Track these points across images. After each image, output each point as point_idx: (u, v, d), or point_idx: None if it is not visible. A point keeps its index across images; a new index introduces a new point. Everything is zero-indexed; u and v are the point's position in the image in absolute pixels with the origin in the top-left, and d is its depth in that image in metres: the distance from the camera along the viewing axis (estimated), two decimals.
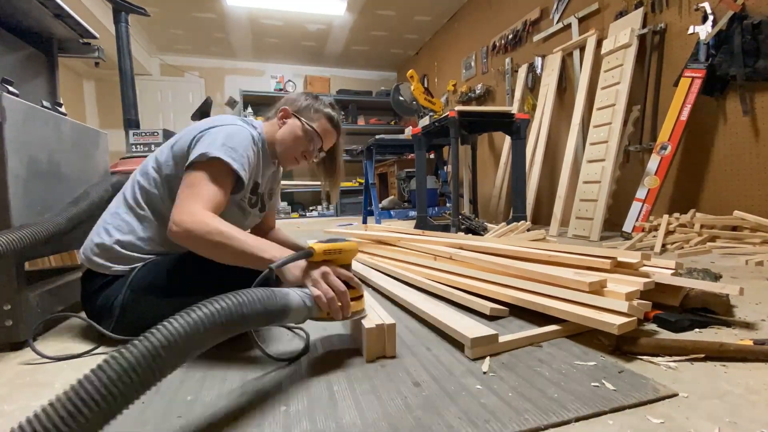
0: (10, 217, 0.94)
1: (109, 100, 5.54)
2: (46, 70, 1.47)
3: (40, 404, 0.68)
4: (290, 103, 1.14)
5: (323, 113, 1.14)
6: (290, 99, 1.16)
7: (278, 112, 1.13)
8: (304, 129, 1.11)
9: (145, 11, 2.15)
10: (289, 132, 1.11)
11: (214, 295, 0.82)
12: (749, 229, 1.94)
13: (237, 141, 0.94)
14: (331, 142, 1.18)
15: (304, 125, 1.11)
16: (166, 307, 0.90)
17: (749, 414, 0.57)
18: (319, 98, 1.17)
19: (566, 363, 0.74)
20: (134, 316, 0.92)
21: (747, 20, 1.99)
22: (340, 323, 0.98)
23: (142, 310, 0.92)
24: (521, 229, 2.38)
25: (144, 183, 0.99)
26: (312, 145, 1.13)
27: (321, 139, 1.13)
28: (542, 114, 3.35)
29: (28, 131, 1.02)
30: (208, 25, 5.04)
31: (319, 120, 1.13)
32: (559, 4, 3.30)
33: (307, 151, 1.13)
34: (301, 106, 1.13)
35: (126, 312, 0.92)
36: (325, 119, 1.14)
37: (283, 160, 1.15)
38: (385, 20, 5.06)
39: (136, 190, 1.00)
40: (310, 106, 1.13)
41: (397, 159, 5.10)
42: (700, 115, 2.27)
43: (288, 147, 1.11)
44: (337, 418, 0.59)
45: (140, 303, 0.91)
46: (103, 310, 0.94)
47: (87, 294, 0.99)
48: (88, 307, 0.98)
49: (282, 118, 1.12)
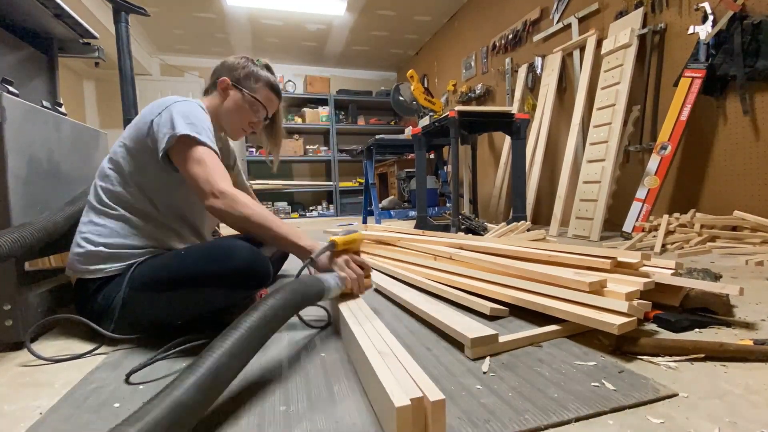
0: (10, 217, 0.94)
1: (109, 100, 5.54)
2: (46, 70, 1.47)
3: (40, 404, 0.68)
4: (228, 72, 1.13)
5: (263, 80, 1.14)
6: (227, 67, 1.15)
7: (217, 83, 1.13)
8: (248, 100, 1.12)
9: (145, 11, 2.15)
10: (233, 104, 1.12)
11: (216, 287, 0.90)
12: (749, 229, 1.94)
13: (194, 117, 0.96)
14: (274, 108, 1.19)
15: (247, 96, 1.12)
16: (167, 302, 0.91)
17: (749, 414, 0.57)
18: (256, 62, 1.17)
19: (566, 363, 0.74)
20: (135, 312, 0.92)
21: (747, 20, 1.99)
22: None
23: (143, 305, 0.92)
24: (521, 229, 2.38)
25: (106, 185, 0.99)
26: (257, 115, 1.15)
27: (265, 108, 1.15)
28: (542, 114, 3.35)
29: (28, 131, 1.02)
30: (208, 25, 5.04)
31: (261, 89, 1.14)
32: (559, 4, 3.30)
33: (252, 121, 1.15)
34: (240, 76, 1.12)
35: (126, 309, 0.91)
36: (266, 88, 1.15)
37: (231, 132, 1.17)
38: (385, 20, 5.05)
39: (100, 193, 0.99)
40: (249, 74, 1.13)
41: (397, 159, 5.10)
42: (700, 115, 2.27)
43: (234, 120, 1.13)
44: (337, 418, 0.59)
45: (141, 299, 0.91)
46: (102, 311, 0.94)
47: (83, 299, 0.97)
48: (86, 311, 0.96)
49: (223, 89, 1.12)
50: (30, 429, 0.60)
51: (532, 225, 2.74)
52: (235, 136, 1.19)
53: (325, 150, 6.35)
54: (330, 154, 6.29)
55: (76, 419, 0.62)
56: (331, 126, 6.23)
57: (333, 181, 6.25)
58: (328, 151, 6.33)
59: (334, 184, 6.24)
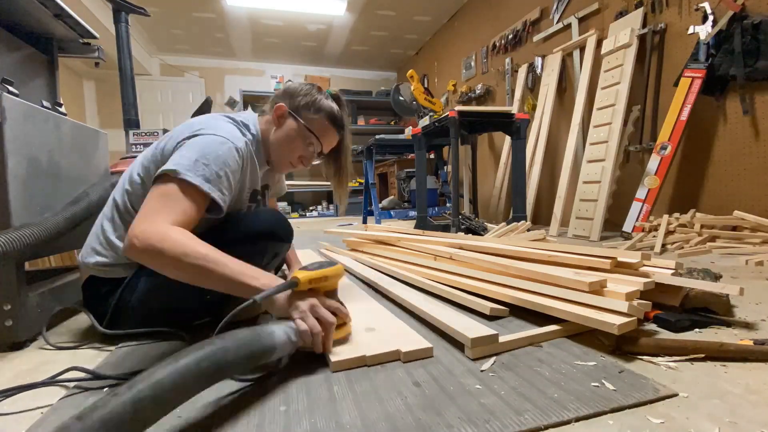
0: (11, 217, 0.94)
1: (109, 100, 5.54)
2: (46, 70, 1.47)
3: (40, 404, 0.68)
4: (288, 98, 1.03)
5: (325, 111, 1.02)
6: (289, 92, 1.04)
7: (274, 108, 1.01)
8: (301, 132, 1.00)
9: (145, 11, 2.15)
10: (283, 134, 1.01)
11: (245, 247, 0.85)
12: (749, 229, 1.94)
13: (213, 157, 0.83)
14: (332, 143, 1.07)
15: (301, 127, 1.00)
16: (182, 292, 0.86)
17: (749, 414, 0.57)
18: (322, 90, 1.05)
19: (566, 363, 0.74)
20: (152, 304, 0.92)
21: (747, 20, 1.99)
22: None
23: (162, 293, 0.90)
24: (521, 229, 2.38)
25: (132, 189, 0.93)
26: (310, 148, 1.03)
27: (320, 141, 1.03)
28: (542, 114, 3.35)
29: (28, 131, 1.02)
30: (208, 25, 5.04)
31: (319, 120, 1.02)
32: (559, 4, 3.30)
33: (303, 155, 1.03)
34: (299, 103, 1.01)
35: (143, 303, 0.92)
36: (325, 119, 1.02)
37: (277, 164, 1.06)
38: (385, 20, 5.05)
39: (125, 197, 0.94)
40: (309, 103, 1.01)
41: (397, 159, 5.10)
42: (700, 115, 2.27)
43: (283, 152, 1.02)
44: (337, 418, 0.59)
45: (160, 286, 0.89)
46: (117, 310, 0.93)
47: (95, 298, 0.96)
48: (98, 310, 0.96)
49: (278, 116, 1.01)
50: (30, 429, 0.60)
51: (532, 225, 2.74)
52: (282, 168, 1.07)
53: None
54: None
55: None
56: None
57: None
58: None
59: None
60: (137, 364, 0.81)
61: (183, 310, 0.97)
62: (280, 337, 0.68)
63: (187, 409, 0.63)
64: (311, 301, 0.74)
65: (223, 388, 0.70)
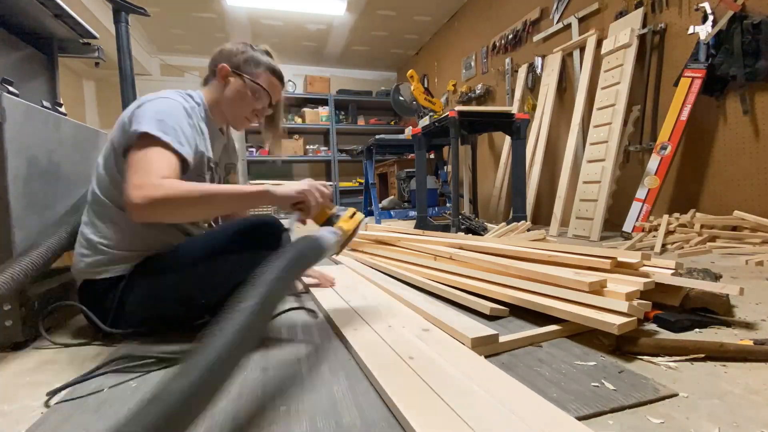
0: (11, 217, 0.94)
1: (109, 100, 5.54)
2: (46, 70, 1.47)
3: (40, 404, 0.68)
4: (227, 59, 1.06)
5: (265, 65, 1.07)
6: (225, 54, 1.07)
7: (216, 70, 1.05)
8: (249, 86, 1.05)
9: (145, 11, 2.15)
10: (234, 92, 1.05)
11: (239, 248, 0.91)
12: (749, 229, 1.94)
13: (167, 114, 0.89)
14: (278, 94, 1.12)
15: (248, 82, 1.05)
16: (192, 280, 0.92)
17: (749, 414, 0.57)
18: (255, 47, 1.10)
19: (566, 363, 0.74)
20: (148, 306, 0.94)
21: (747, 20, 1.99)
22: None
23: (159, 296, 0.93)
24: (521, 229, 2.38)
25: (101, 186, 0.96)
26: (260, 101, 1.08)
27: (269, 94, 1.08)
28: (542, 114, 3.35)
29: (28, 131, 1.02)
30: (208, 25, 5.04)
31: (262, 74, 1.07)
32: (559, 4, 3.30)
33: (256, 108, 1.08)
34: (239, 61, 1.05)
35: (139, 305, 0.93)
36: (268, 72, 1.08)
37: (235, 123, 1.11)
38: (385, 20, 5.05)
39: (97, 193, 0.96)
40: (249, 59, 1.06)
41: (397, 159, 5.09)
42: (700, 115, 2.27)
43: (236, 109, 1.07)
44: (337, 418, 0.59)
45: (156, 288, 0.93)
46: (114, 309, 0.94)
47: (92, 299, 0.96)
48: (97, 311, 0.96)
49: (223, 77, 1.05)
50: (30, 429, 0.60)
51: (532, 225, 2.74)
52: (239, 126, 1.12)
53: (325, 150, 6.35)
54: (330, 154, 6.28)
55: (76, 419, 0.62)
56: (331, 126, 6.23)
57: (333, 181, 6.24)
58: (328, 151, 6.32)
59: (334, 184, 6.23)
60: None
61: (179, 311, 0.98)
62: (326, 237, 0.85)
63: None
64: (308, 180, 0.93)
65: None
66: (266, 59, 1.09)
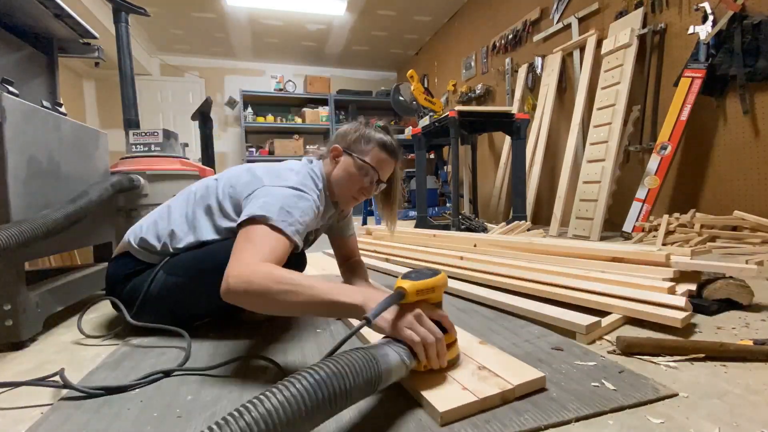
0: (11, 217, 0.94)
1: (109, 100, 5.54)
2: (46, 70, 1.47)
3: (40, 404, 0.68)
4: (341, 139, 1.07)
5: (375, 141, 1.05)
6: (341, 134, 1.09)
7: (330, 151, 1.07)
8: (357, 165, 1.03)
9: (145, 11, 2.15)
10: (342, 171, 1.04)
11: None
12: (749, 229, 1.94)
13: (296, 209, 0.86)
14: (389, 171, 1.09)
15: (357, 161, 1.03)
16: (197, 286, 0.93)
17: (749, 414, 0.57)
18: (369, 123, 1.09)
19: (566, 363, 0.74)
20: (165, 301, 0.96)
21: (747, 20, 1.99)
22: None
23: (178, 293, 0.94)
24: (521, 228, 2.38)
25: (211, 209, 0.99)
26: (368, 179, 1.05)
27: (377, 171, 1.05)
28: (542, 114, 3.35)
29: (28, 131, 1.02)
30: (208, 25, 5.04)
31: (371, 150, 1.04)
32: (559, 4, 3.30)
33: (363, 187, 1.06)
34: (351, 140, 1.05)
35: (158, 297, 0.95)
36: (377, 148, 1.05)
37: (342, 201, 1.09)
38: (385, 20, 5.05)
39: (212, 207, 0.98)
40: (360, 137, 1.05)
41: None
42: (700, 115, 2.27)
43: (344, 187, 1.05)
44: (337, 418, 0.59)
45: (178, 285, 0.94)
46: (131, 297, 0.97)
47: (118, 276, 1.01)
48: (118, 291, 1.00)
49: (334, 157, 1.06)
50: (30, 429, 0.60)
51: (532, 225, 2.74)
52: (346, 205, 1.10)
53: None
54: None
55: (76, 419, 0.62)
56: (331, 126, 6.23)
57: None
58: None
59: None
60: (136, 366, 0.82)
61: (192, 311, 1.01)
62: (394, 359, 0.59)
63: (188, 409, 0.63)
64: (417, 312, 0.66)
65: (222, 387, 0.70)
66: (378, 135, 1.06)
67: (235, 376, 0.74)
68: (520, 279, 1.23)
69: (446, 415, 0.56)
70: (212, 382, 0.72)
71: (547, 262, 1.33)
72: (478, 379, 0.64)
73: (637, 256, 1.16)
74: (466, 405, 0.57)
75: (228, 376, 0.75)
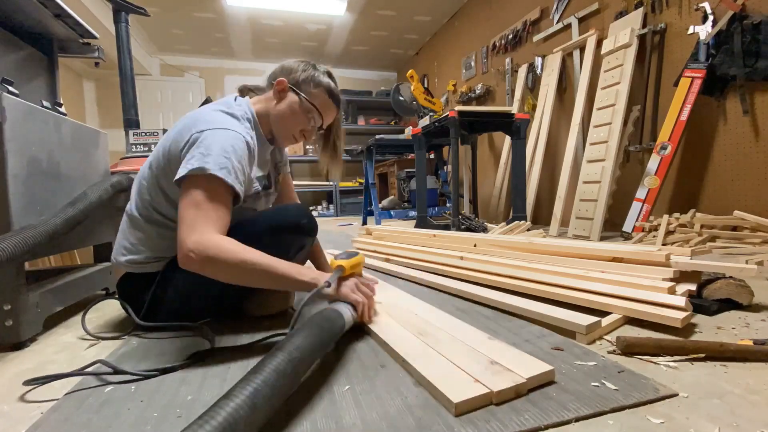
0: (10, 217, 0.94)
1: (109, 100, 5.54)
2: (46, 70, 1.47)
3: (40, 404, 0.68)
4: (287, 74, 1.05)
5: (323, 86, 1.05)
6: (287, 68, 1.06)
7: (274, 83, 1.04)
8: (303, 106, 1.03)
9: (145, 11, 2.15)
10: (286, 108, 1.03)
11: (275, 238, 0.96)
12: (749, 229, 1.94)
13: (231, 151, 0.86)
14: (331, 118, 1.10)
15: (304, 102, 1.02)
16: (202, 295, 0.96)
17: (749, 414, 0.57)
18: (318, 67, 1.08)
19: (566, 363, 0.74)
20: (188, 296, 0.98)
21: (747, 20, 1.99)
22: None
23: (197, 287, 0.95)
24: (522, 228, 2.38)
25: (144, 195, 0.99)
26: (311, 122, 1.05)
27: (321, 116, 1.05)
28: (542, 114, 3.35)
29: (28, 131, 1.02)
30: (208, 25, 5.04)
31: (319, 94, 1.04)
32: (559, 4, 3.30)
33: (305, 129, 1.06)
34: (299, 78, 1.04)
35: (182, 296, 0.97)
36: (325, 93, 1.05)
37: (281, 139, 1.08)
38: (385, 20, 5.05)
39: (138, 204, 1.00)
40: (309, 78, 1.04)
41: (397, 159, 5.10)
42: (700, 115, 2.27)
43: (285, 125, 1.04)
44: (337, 418, 0.59)
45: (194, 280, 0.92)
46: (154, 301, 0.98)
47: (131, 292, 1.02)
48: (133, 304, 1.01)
49: (279, 91, 1.03)
50: (30, 429, 0.60)
51: (532, 225, 2.74)
52: (284, 143, 1.09)
53: None
54: None
55: (76, 419, 0.62)
56: None
57: (333, 181, 6.25)
58: None
59: (334, 184, 6.24)
60: (150, 356, 0.82)
61: (198, 309, 1.02)
62: (347, 315, 0.84)
63: (188, 408, 0.63)
64: (354, 280, 0.92)
65: (222, 387, 0.70)
66: (327, 80, 1.06)
67: (235, 376, 0.74)
68: (520, 279, 1.22)
69: (461, 405, 0.59)
70: (212, 382, 0.72)
71: (547, 262, 1.33)
72: (492, 373, 0.66)
73: (637, 256, 1.15)
74: (480, 396, 0.60)
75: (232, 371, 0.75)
